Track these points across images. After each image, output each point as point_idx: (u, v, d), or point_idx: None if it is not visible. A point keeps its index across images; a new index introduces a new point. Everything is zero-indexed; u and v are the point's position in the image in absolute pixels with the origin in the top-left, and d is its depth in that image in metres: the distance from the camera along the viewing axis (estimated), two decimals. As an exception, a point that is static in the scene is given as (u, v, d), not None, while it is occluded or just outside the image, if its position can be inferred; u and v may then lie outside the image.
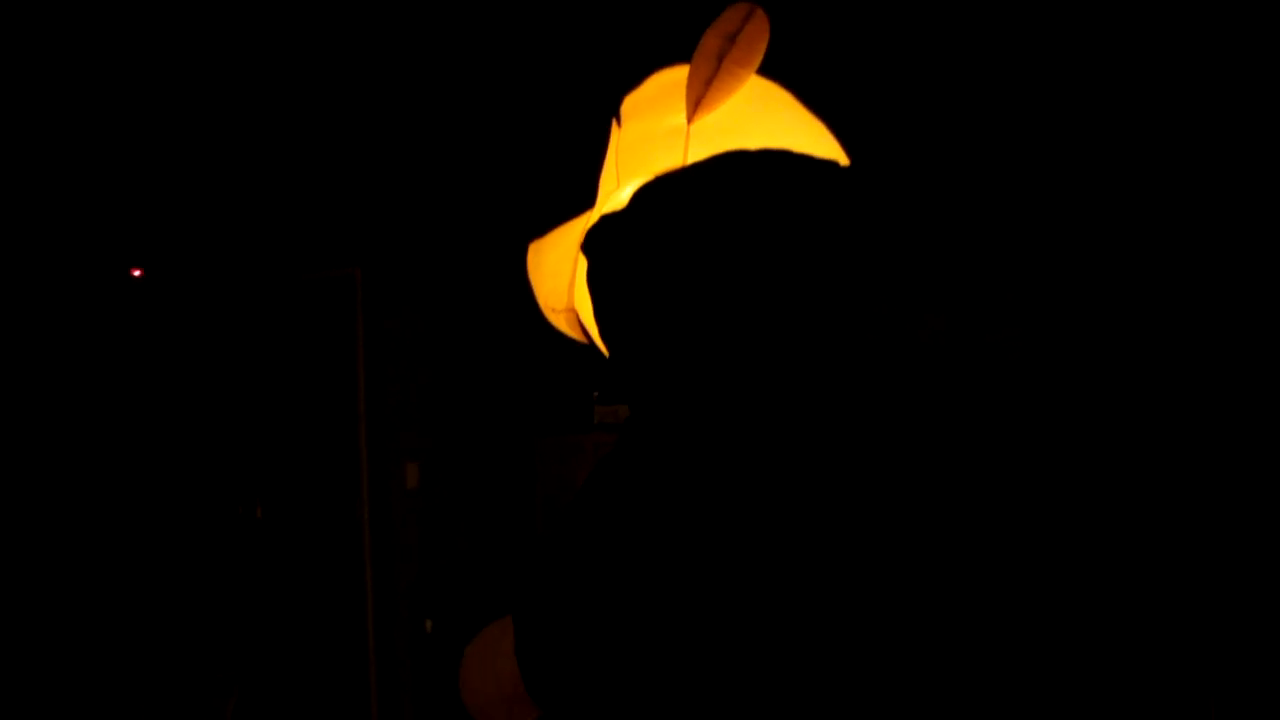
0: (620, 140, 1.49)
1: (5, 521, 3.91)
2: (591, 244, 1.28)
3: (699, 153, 1.40)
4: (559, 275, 1.50)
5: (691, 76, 1.35)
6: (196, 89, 3.72)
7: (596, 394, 4.31)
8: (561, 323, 1.60)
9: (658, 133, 1.45)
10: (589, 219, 1.56)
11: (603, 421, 4.34)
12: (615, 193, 1.40)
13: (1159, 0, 2.61)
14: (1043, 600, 1.27)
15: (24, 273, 4.02)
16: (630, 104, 1.49)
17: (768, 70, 1.40)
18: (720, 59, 1.36)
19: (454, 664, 3.93)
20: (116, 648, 4.18)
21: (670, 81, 1.41)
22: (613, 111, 1.47)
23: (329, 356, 4.14)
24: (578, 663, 1.22)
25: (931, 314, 1.39)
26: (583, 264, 1.40)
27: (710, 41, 1.37)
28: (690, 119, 1.38)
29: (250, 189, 4.23)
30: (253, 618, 4.36)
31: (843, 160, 1.46)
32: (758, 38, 1.37)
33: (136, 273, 4.40)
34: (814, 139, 1.46)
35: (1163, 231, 2.72)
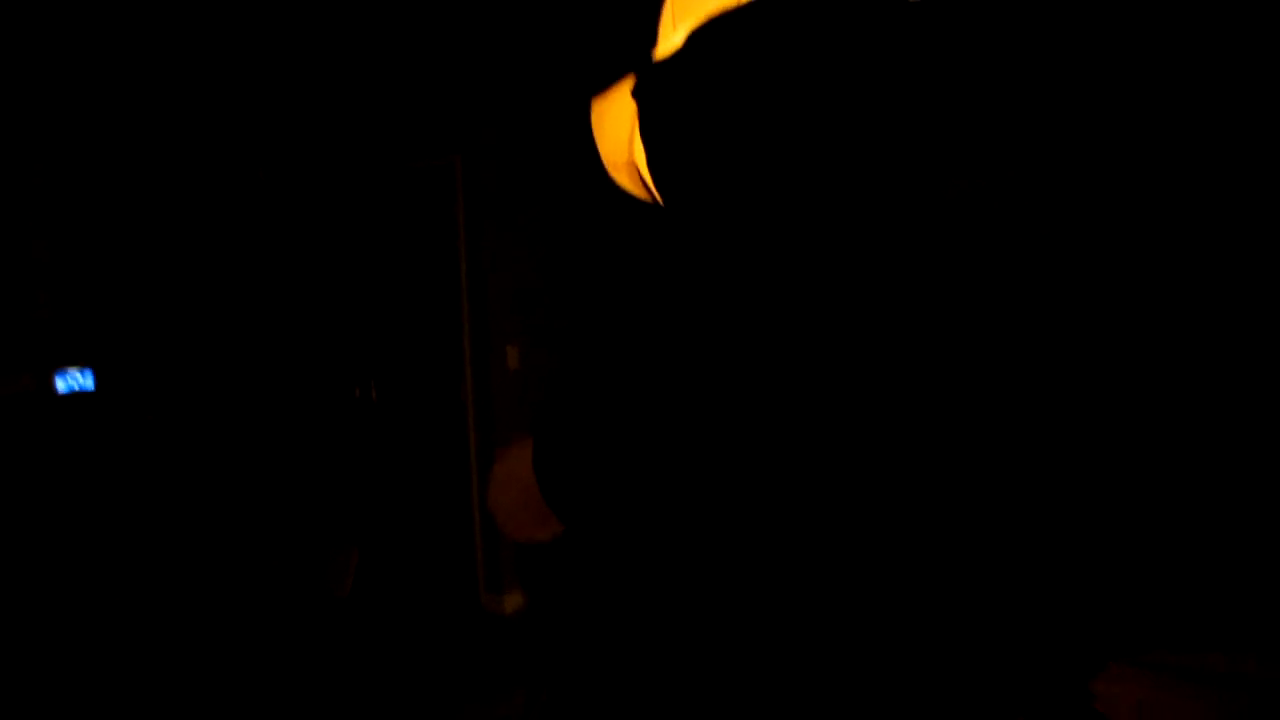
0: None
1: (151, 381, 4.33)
2: (642, 90, 1.33)
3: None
4: (619, 129, 1.55)
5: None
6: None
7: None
8: (623, 178, 1.65)
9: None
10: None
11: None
12: (670, 37, 1.43)
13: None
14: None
15: (168, 177, 4.33)
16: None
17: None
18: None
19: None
20: (252, 515, 4.61)
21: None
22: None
23: (434, 244, 4.32)
24: (588, 474, 1.32)
25: (958, 176, 1.39)
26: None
27: None
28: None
29: (355, 83, 4.38)
30: (371, 488, 4.71)
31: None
32: None
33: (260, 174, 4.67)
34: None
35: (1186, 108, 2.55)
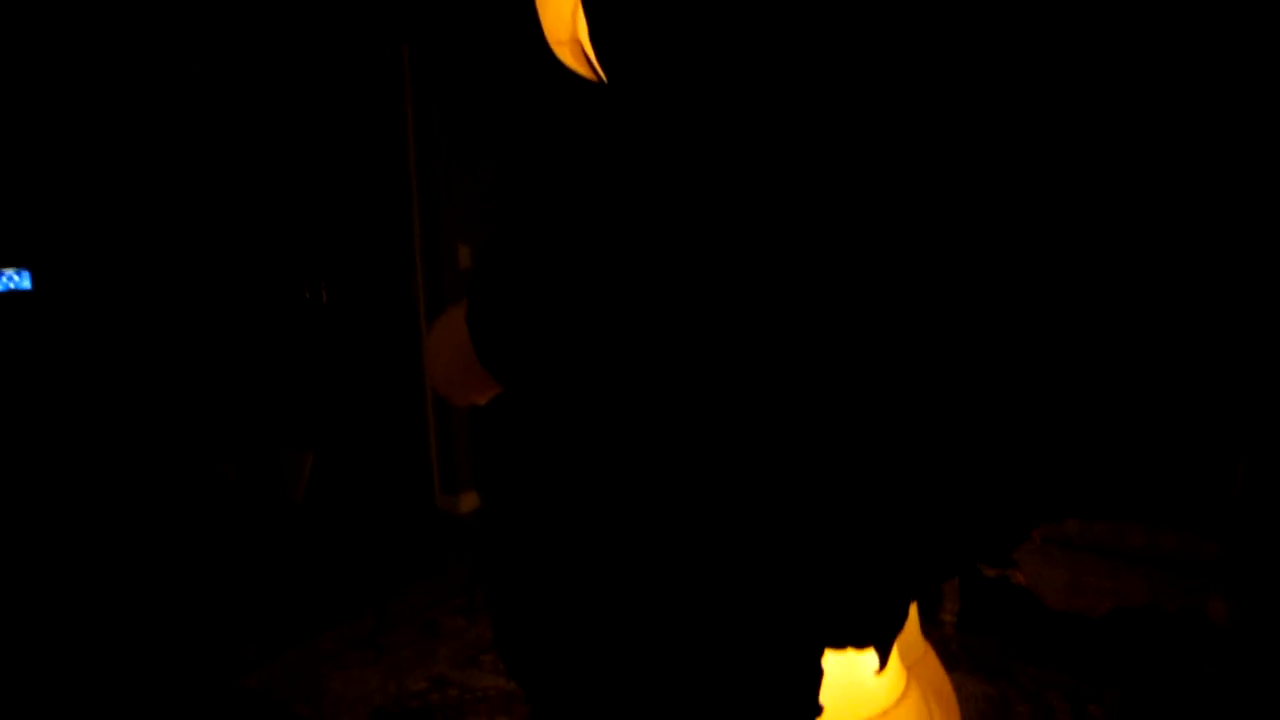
0: None
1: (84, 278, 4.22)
2: None
3: None
4: (562, 4, 1.51)
5: None
6: None
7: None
8: (567, 56, 1.61)
9: None
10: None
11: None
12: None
13: None
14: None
15: (102, 72, 4.13)
16: None
17: None
18: None
19: (511, 433, 4.16)
20: (198, 418, 4.56)
21: None
22: None
23: (382, 139, 4.21)
24: (522, 331, 1.33)
25: (934, 81, 1.38)
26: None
27: None
28: None
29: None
30: (323, 391, 4.67)
31: None
32: None
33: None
34: None
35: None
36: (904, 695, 2.03)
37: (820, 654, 1.48)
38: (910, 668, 2.13)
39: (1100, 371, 1.73)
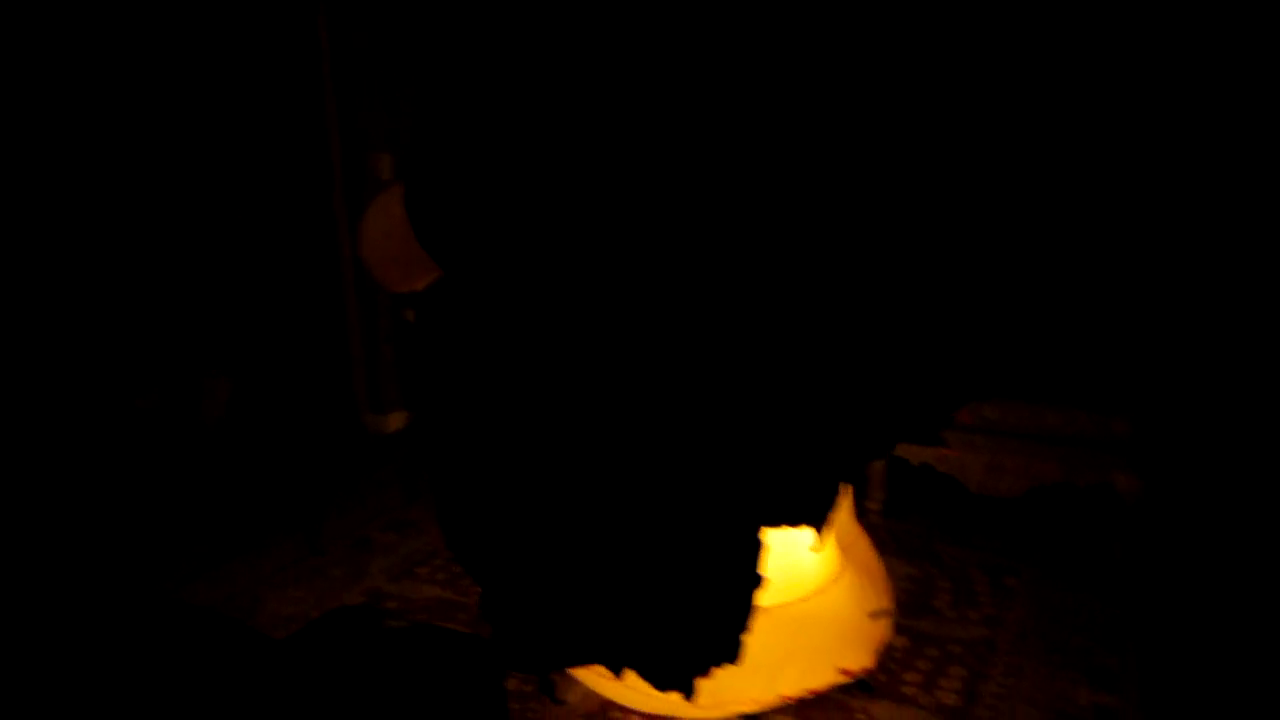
0: None
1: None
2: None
3: None
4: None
5: None
6: None
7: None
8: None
9: None
10: None
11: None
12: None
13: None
14: None
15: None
16: None
17: None
18: None
19: (437, 350, 4.09)
20: (103, 342, 4.36)
21: None
22: None
23: (291, 40, 3.98)
24: (462, 209, 1.29)
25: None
26: None
27: None
28: None
29: None
30: (236, 311, 4.51)
31: None
32: None
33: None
34: None
35: None
36: (839, 574, 2.11)
37: (757, 529, 1.51)
38: (845, 550, 2.20)
39: (1016, 261, 1.77)
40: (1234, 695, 2.12)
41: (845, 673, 2.05)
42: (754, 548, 1.48)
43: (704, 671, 1.36)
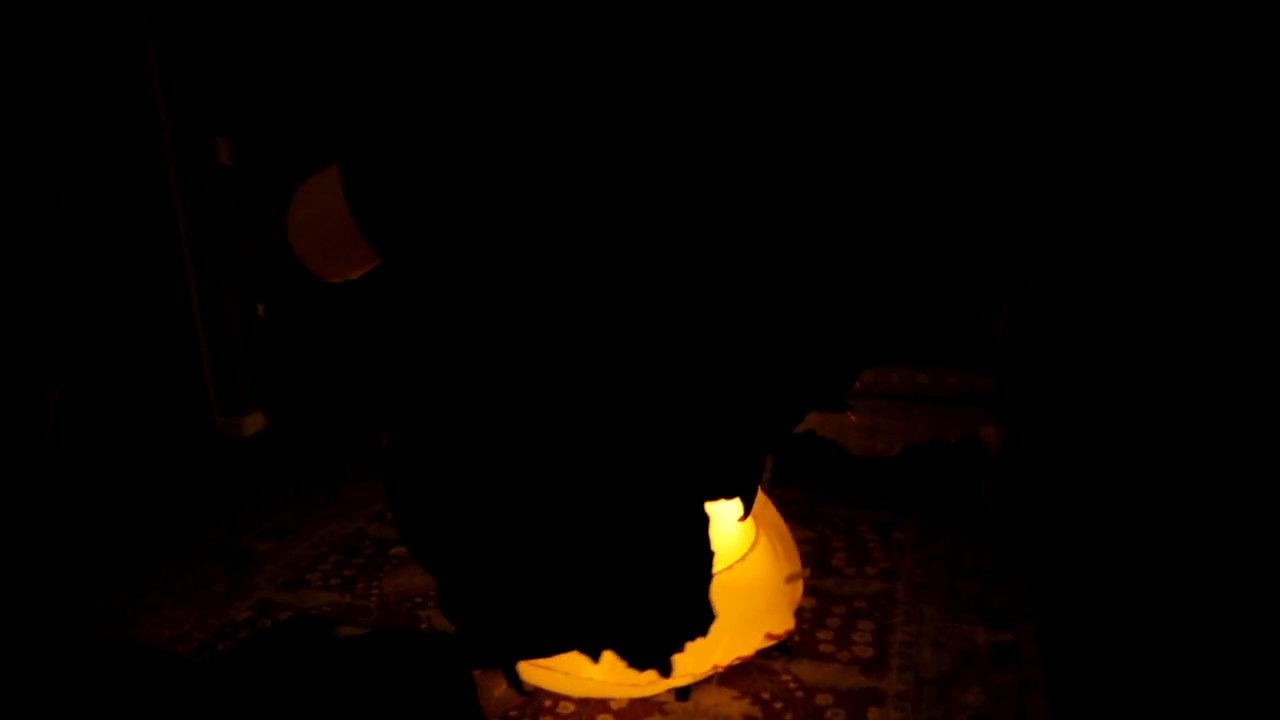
0: None
1: None
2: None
3: None
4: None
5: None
6: None
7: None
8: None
9: None
10: None
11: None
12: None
13: None
14: None
15: None
16: None
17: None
18: None
19: (298, 347, 3.88)
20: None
21: None
22: None
23: (115, 13, 3.63)
24: (407, 193, 1.22)
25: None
26: None
27: None
28: None
29: None
30: (63, 315, 4.09)
31: None
32: None
33: None
34: None
35: None
36: (755, 542, 2.15)
37: (702, 504, 1.52)
38: (755, 518, 2.25)
39: (910, 260, 1.85)
40: (1116, 622, 2.33)
41: (771, 636, 2.10)
42: (703, 522, 1.50)
43: (680, 647, 1.37)
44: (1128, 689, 2.06)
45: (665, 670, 1.34)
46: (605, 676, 1.95)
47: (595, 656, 1.36)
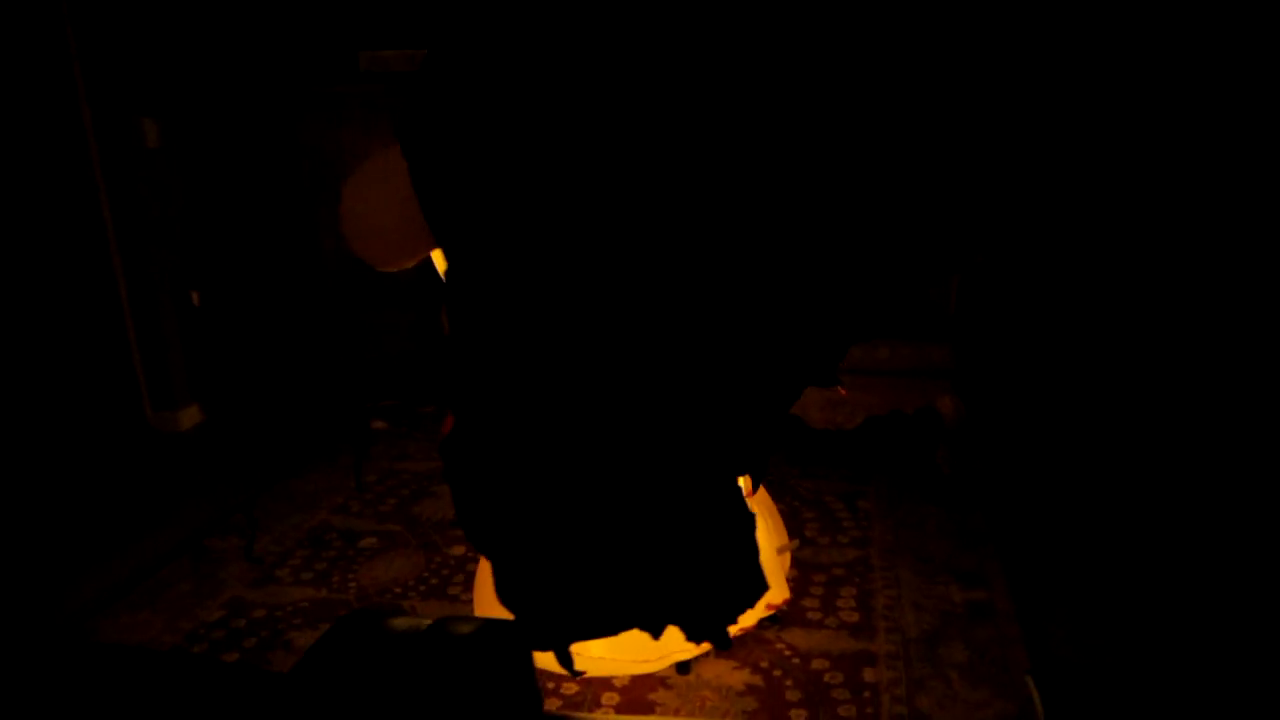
0: None
1: None
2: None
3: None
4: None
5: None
6: None
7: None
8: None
9: None
10: None
11: (369, 69, 4.01)
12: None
13: None
14: None
15: None
16: None
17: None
18: None
19: (235, 337, 3.77)
20: None
21: None
22: None
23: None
24: (473, 184, 1.20)
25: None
26: None
27: None
28: None
29: None
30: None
31: None
32: None
33: None
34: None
35: None
36: (755, 518, 2.20)
37: (734, 479, 1.55)
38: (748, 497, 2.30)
39: (888, 243, 1.93)
40: (1080, 576, 2.47)
41: (771, 606, 2.15)
42: (738, 494, 1.53)
43: (735, 617, 1.39)
44: (1087, 629, 2.20)
45: (723, 642, 1.36)
46: (613, 654, 1.97)
47: (656, 633, 1.37)
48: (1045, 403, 3.45)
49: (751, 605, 1.42)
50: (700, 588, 1.37)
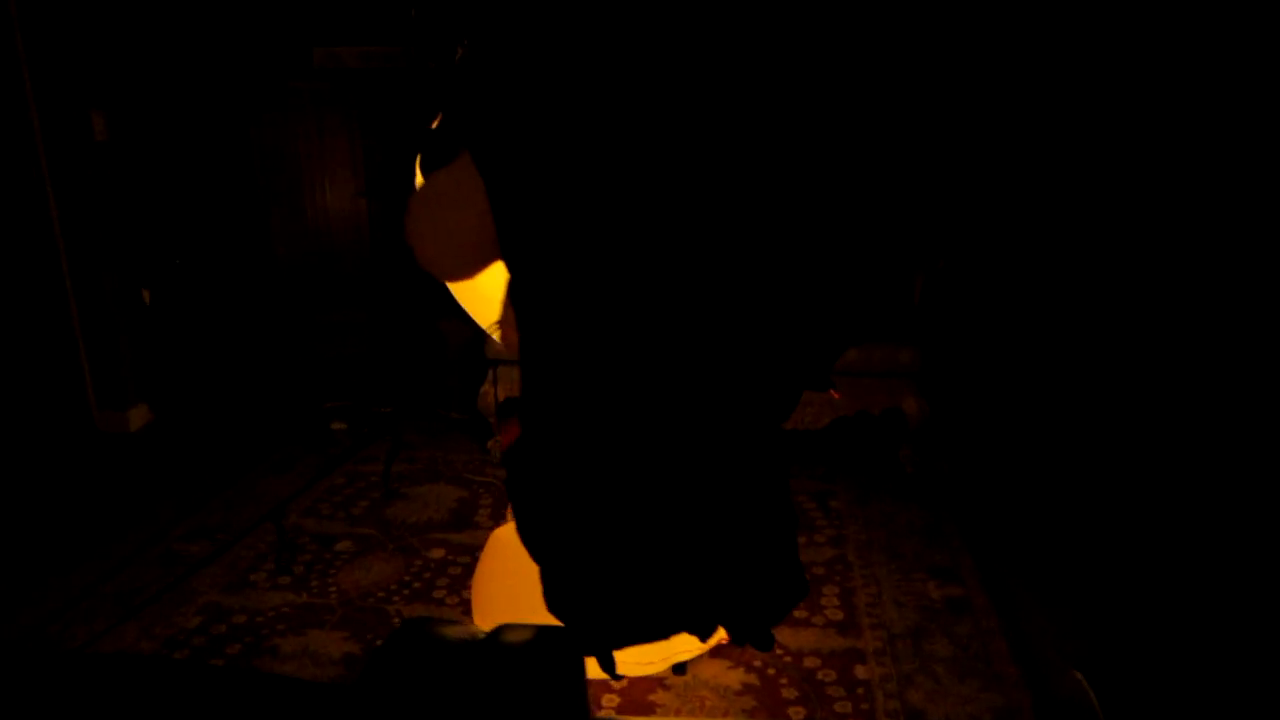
0: None
1: None
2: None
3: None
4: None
5: None
6: None
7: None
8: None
9: None
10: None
11: (323, 65, 3.93)
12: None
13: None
14: None
15: None
16: None
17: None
18: None
19: (185, 336, 3.69)
20: None
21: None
22: None
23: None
24: (548, 195, 1.21)
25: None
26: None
27: None
28: None
29: None
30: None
31: None
32: None
33: None
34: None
35: None
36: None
37: (784, 483, 1.59)
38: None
39: (876, 250, 2.00)
40: (1046, 570, 2.58)
41: (764, 606, 2.20)
42: (786, 494, 1.56)
43: (781, 618, 1.42)
44: (1059, 616, 2.31)
45: (765, 644, 1.40)
46: (618, 657, 1.99)
47: (705, 636, 1.40)
48: (1006, 401, 3.59)
49: (795, 605, 1.46)
50: (750, 589, 1.41)
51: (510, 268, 1.22)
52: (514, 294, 1.24)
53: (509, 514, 2.32)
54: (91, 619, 2.41)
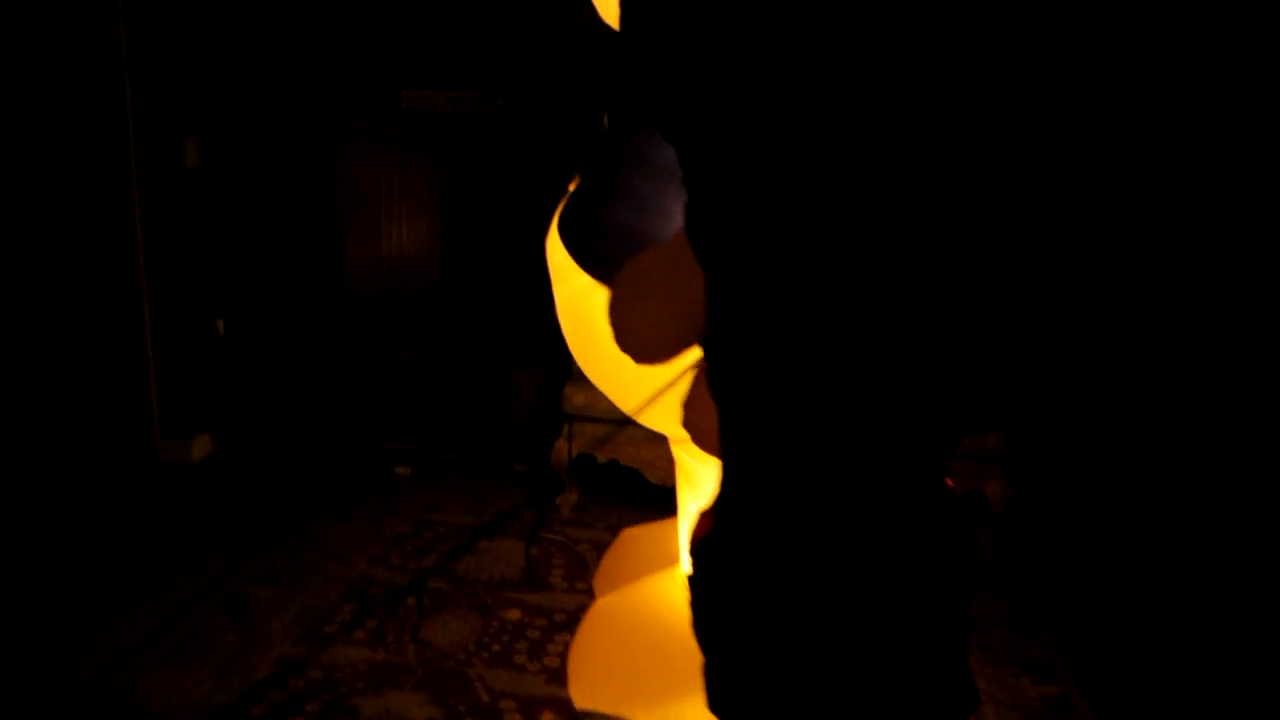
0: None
1: None
2: None
3: None
4: None
5: None
6: None
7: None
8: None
9: None
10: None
11: (412, 108, 3.95)
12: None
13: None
14: None
15: None
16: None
17: None
18: None
19: (252, 367, 3.66)
20: None
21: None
22: None
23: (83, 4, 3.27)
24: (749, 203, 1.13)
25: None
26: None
27: None
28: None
29: None
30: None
31: None
32: None
33: None
34: None
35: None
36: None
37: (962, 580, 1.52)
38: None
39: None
40: (1138, 660, 2.49)
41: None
42: (968, 602, 1.49)
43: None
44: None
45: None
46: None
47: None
48: (1094, 490, 3.51)
49: (967, 716, 1.39)
50: (919, 694, 1.34)
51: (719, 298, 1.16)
52: (714, 376, 1.19)
53: (597, 581, 2.25)
54: (164, 664, 2.35)
